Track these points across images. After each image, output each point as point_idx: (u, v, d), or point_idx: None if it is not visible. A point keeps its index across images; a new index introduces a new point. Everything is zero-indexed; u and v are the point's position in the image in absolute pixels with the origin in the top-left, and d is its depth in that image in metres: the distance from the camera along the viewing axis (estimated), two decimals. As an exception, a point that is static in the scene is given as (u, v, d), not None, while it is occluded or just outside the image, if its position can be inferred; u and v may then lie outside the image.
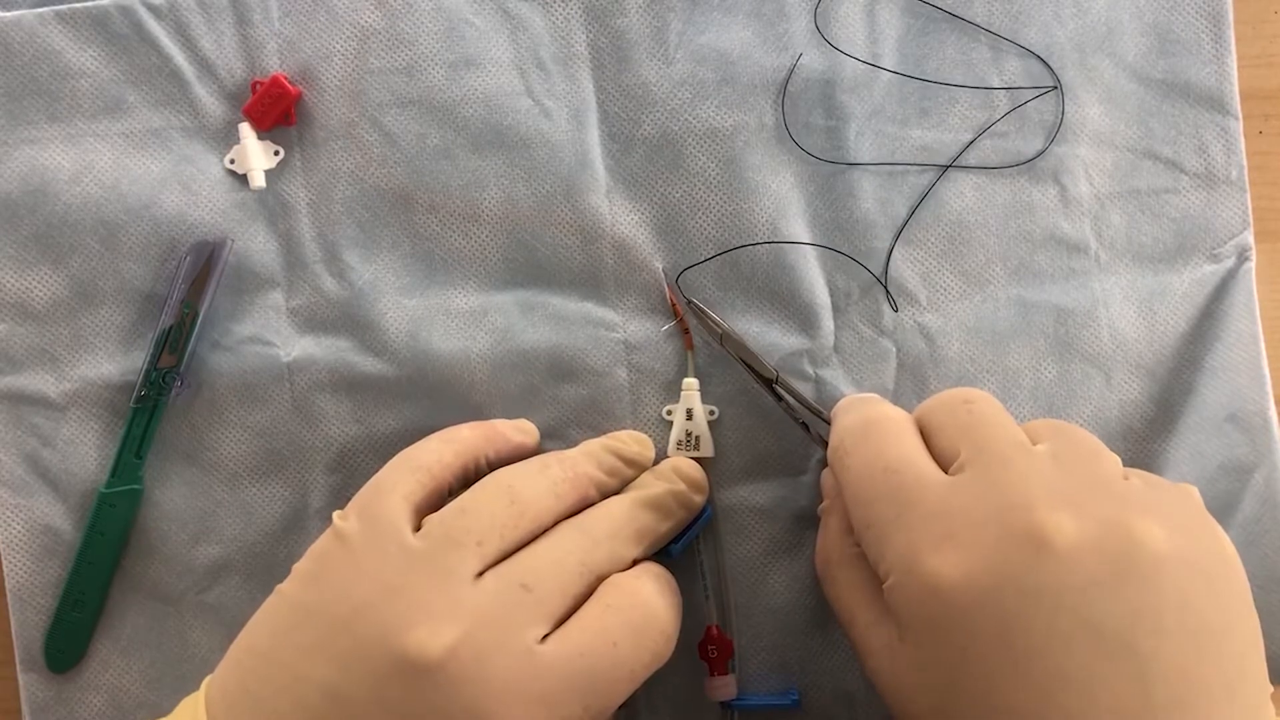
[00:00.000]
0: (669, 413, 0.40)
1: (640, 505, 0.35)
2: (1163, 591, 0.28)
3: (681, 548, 0.38)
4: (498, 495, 0.33)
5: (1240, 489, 0.40)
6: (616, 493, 0.36)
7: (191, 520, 0.40)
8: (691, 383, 0.39)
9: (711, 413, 0.40)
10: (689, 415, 0.39)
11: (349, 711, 0.29)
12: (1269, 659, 0.39)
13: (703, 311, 0.39)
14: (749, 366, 0.38)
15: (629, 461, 0.37)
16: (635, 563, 0.35)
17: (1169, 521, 0.29)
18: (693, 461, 0.38)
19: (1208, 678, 0.27)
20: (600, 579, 0.33)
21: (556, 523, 0.34)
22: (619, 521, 0.34)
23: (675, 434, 0.39)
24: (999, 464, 0.30)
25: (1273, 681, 0.39)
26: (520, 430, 0.38)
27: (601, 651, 0.31)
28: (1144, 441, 0.40)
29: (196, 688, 0.32)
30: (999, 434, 0.31)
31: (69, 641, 0.40)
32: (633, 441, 0.38)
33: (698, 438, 0.39)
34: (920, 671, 0.29)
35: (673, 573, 0.35)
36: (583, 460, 0.36)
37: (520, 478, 0.34)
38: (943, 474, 0.31)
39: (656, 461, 0.39)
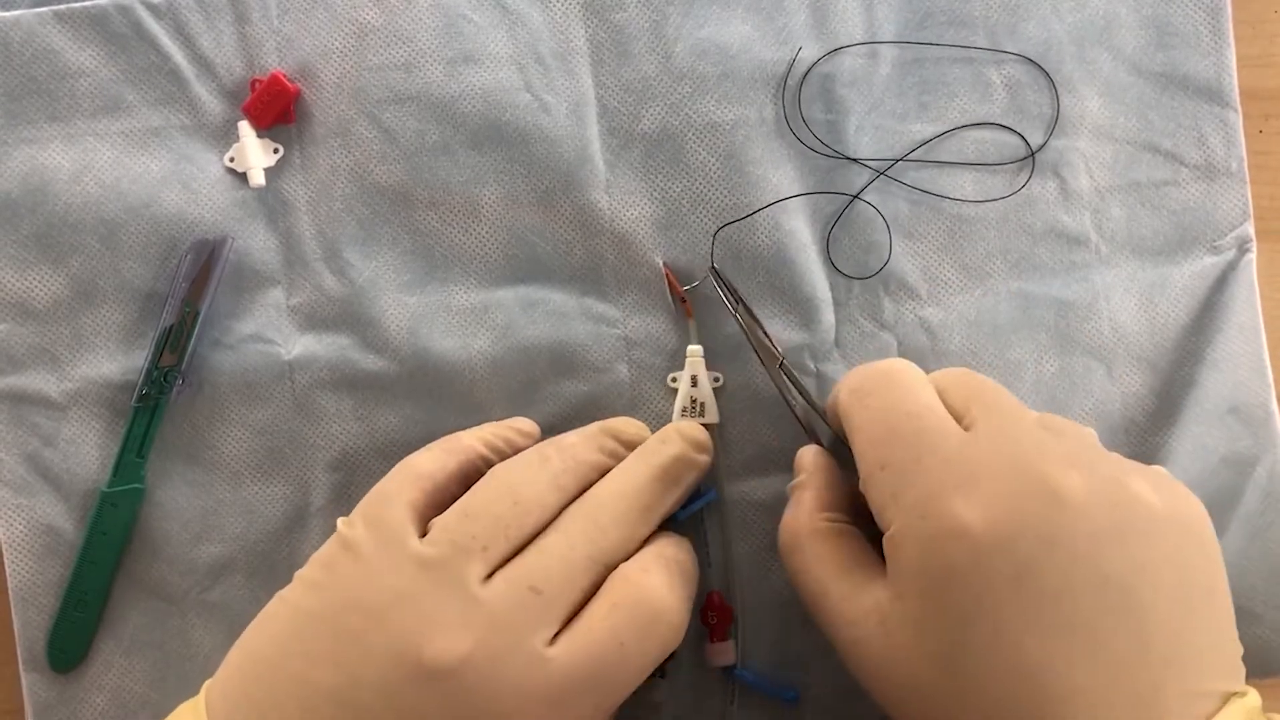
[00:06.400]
0: (674, 380, 0.40)
1: (647, 479, 0.35)
2: (1160, 548, 0.29)
3: (687, 514, 0.38)
4: (500, 496, 0.33)
5: (1242, 482, 0.40)
6: None
7: (193, 519, 0.40)
8: (696, 349, 0.39)
9: (716, 380, 0.39)
10: (694, 382, 0.39)
11: (359, 718, 0.29)
12: (1271, 650, 0.39)
13: (724, 280, 0.39)
14: (758, 343, 0.38)
15: (627, 444, 0.37)
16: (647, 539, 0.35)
17: (1159, 485, 0.30)
18: (695, 423, 0.38)
19: (1198, 635, 0.29)
20: (610, 568, 0.33)
21: (562, 509, 0.34)
22: (626, 502, 0.34)
23: (680, 401, 0.39)
24: (1011, 422, 0.31)
25: (1275, 673, 0.39)
26: (522, 433, 0.38)
27: (609, 651, 0.31)
28: (1146, 434, 0.40)
29: (199, 687, 0.32)
30: (1007, 399, 0.33)
31: (72, 641, 0.40)
32: (628, 426, 0.38)
33: (702, 404, 0.39)
34: (917, 627, 0.29)
35: None
36: (582, 447, 0.36)
37: (521, 474, 0.34)
38: (959, 427, 0.32)
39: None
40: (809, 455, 0.36)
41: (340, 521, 0.33)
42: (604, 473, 0.35)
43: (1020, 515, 0.29)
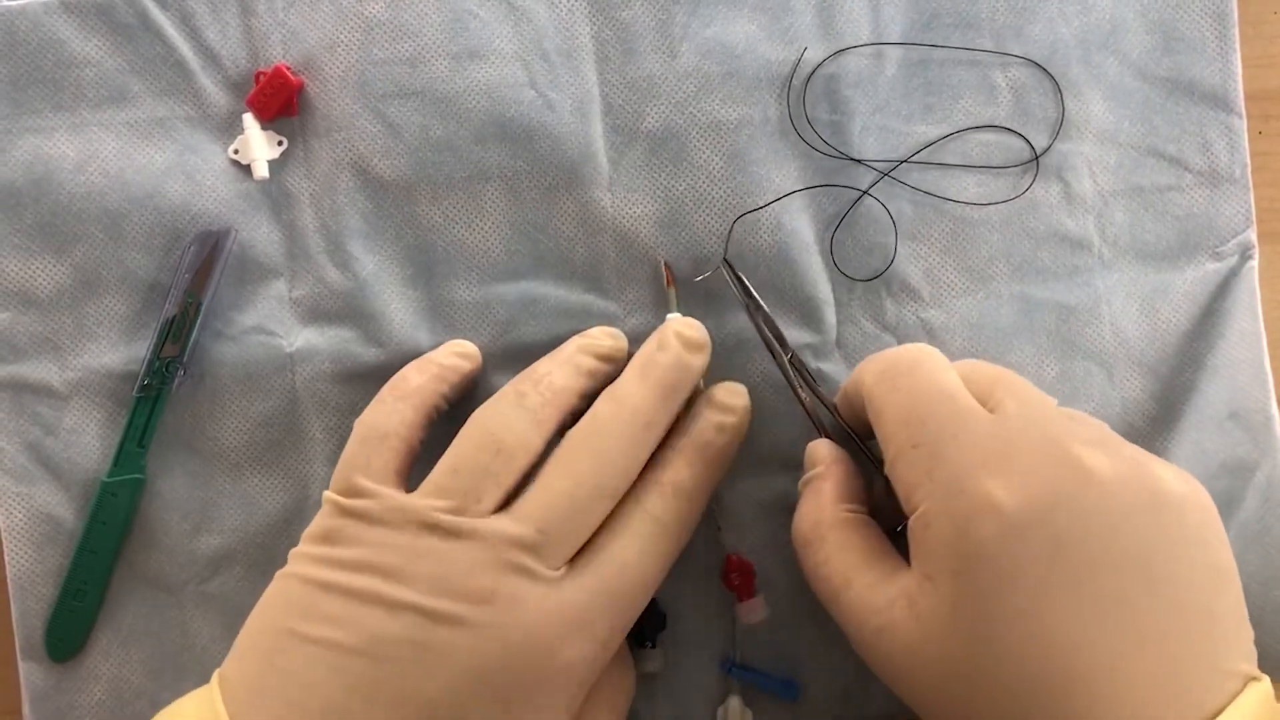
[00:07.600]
0: None
1: (644, 398, 0.35)
2: (1186, 528, 0.29)
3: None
4: (483, 447, 0.33)
5: (1242, 487, 0.40)
6: (597, 393, 0.36)
7: (193, 510, 0.40)
8: (674, 317, 0.38)
9: None
10: None
11: (390, 670, 0.30)
12: (1269, 655, 0.39)
13: (735, 272, 0.39)
14: (767, 337, 0.38)
15: (605, 358, 0.37)
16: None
17: (1175, 472, 0.31)
18: (691, 320, 0.37)
19: (1223, 614, 0.29)
20: (617, 496, 0.34)
21: (547, 443, 0.34)
22: (625, 425, 0.34)
23: None
24: (1036, 405, 0.32)
25: (1273, 678, 0.39)
26: (463, 356, 0.38)
27: (616, 573, 0.33)
28: (1146, 439, 0.40)
29: (197, 678, 0.33)
30: (1029, 385, 0.33)
31: (70, 630, 0.40)
32: (605, 336, 0.38)
33: None
34: (950, 606, 0.29)
35: None
36: (559, 374, 0.35)
37: (500, 420, 0.34)
38: (986, 410, 0.32)
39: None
40: (823, 448, 0.36)
41: (327, 495, 0.34)
42: (585, 395, 0.36)
43: (1053, 491, 0.29)
